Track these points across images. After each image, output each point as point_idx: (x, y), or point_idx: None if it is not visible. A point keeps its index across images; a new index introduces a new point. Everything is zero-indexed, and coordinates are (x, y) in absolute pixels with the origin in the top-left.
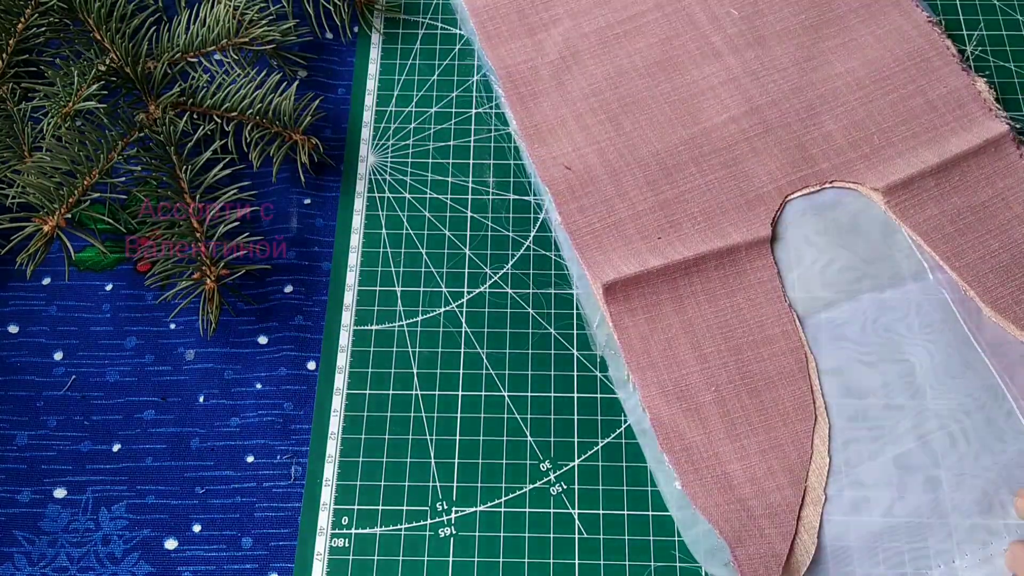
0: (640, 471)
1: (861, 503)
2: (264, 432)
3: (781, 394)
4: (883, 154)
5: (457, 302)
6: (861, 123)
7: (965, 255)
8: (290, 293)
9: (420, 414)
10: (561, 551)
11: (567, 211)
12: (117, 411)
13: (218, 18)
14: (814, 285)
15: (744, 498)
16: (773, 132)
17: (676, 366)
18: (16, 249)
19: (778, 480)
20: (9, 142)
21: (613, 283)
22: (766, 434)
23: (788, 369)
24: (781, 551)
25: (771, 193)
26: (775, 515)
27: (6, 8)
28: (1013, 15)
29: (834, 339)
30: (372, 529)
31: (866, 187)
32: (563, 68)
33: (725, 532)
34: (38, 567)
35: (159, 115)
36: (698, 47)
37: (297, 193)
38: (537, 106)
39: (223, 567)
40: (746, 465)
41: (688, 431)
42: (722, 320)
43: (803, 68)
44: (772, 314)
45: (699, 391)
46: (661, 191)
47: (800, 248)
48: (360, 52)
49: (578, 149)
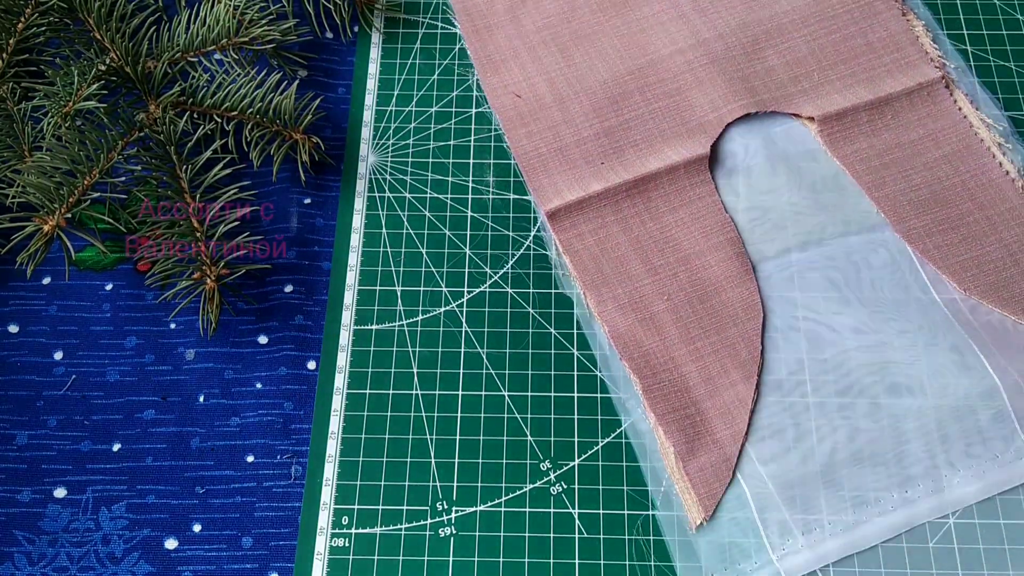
0: (640, 471)
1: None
2: (264, 432)
3: (730, 296)
4: (822, 90)
5: (457, 302)
6: (803, 59)
7: (886, 186)
8: (290, 293)
9: (420, 414)
10: (561, 551)
11: (515, 136)
12: (117, 411)
13: (218, 18)
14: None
15: (698, 400)
16: (717, 63)
17: (628, 280)
18: (16, 249)
19: (731, 377)
20: (9, 142)
21: (557, 209)
22: (718, 335)
23: (735, 272)
24: (731, 454)
25: (712, 122)
26: (728, 413)
27: (6, 8)
28: (1013, 15)
29: (787, 281)
30: (372, 529)
31: (803, 117)
32: (518, 2)
33: (679, 443)
34: (38, 567)
35: (159, 115)
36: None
37: (297, 193)
38: (491, 37)
39: (223, 567)
40: (700, 366)
41: (645, 339)
42: (668, 234)
43: (750, 6)
44: (714, 224)
45: (652, 301)
46: (606, 118)
47: (742, 174)
48: (360, 51)
49: (529, 78)
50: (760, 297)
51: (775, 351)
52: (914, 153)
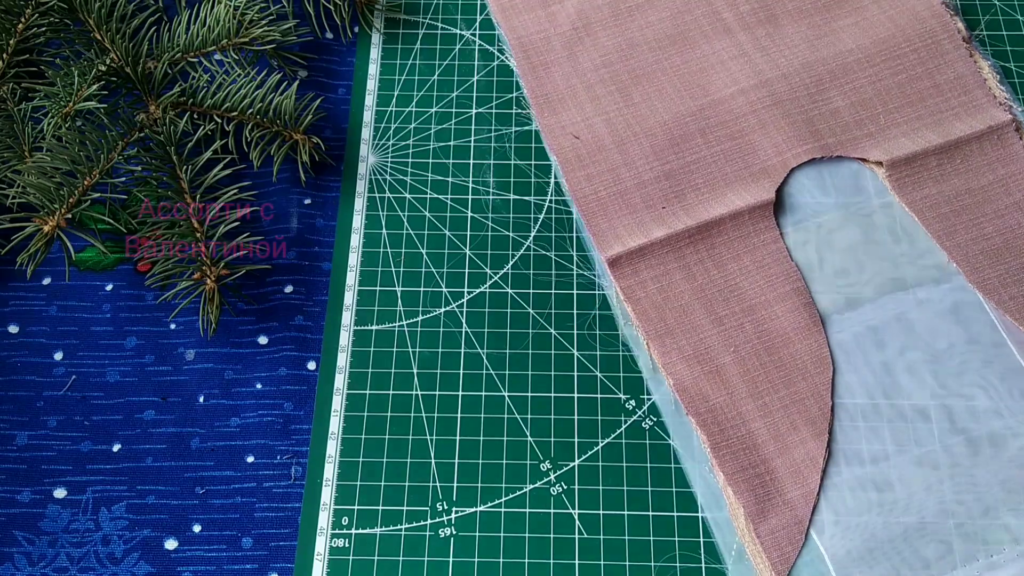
0: (640, 471)
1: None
2: (264, 432)
3: (798, 349)
4: (888, 133)
5: (457, 302)
6: (869, 101)
7: (957, 235)
8: (290, 293)
9: (420, 414)
10: (561, 551)
11: (574, 179)
12: (117, 411)
13: (218, 18)
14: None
15: (768, 458)
16: (781, 105)
17: (692, 331)
18: (16, 249)
19: (801, 434)
20: (9, 142)
21: (618, 256)
22: (786, 389)
23: (802, 324)
24: (803, 516)
25: (776, 166)
26: (798, 472)
27: (6, 8)
28: (1013, 15)
29: (858, 340)
30: (372, 529)
31: (870, 161)
32: (575, 39)
33: (749, 503)
34: (38, 567)
35: (159, 115)
36: (709, 22)
37: (297, 193)
38: (548, 76)
39: (223, 567)
40: (769, 422)
41: (711, 393)
42: (732, 283)
43: (814, 45)
44: (780, 273)
45: (718, 353)
46: (667, 161)
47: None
48: (360, 52)
49: (587, 119)
50: (830, 350)
51: (846, 411)
52: (984, 200)
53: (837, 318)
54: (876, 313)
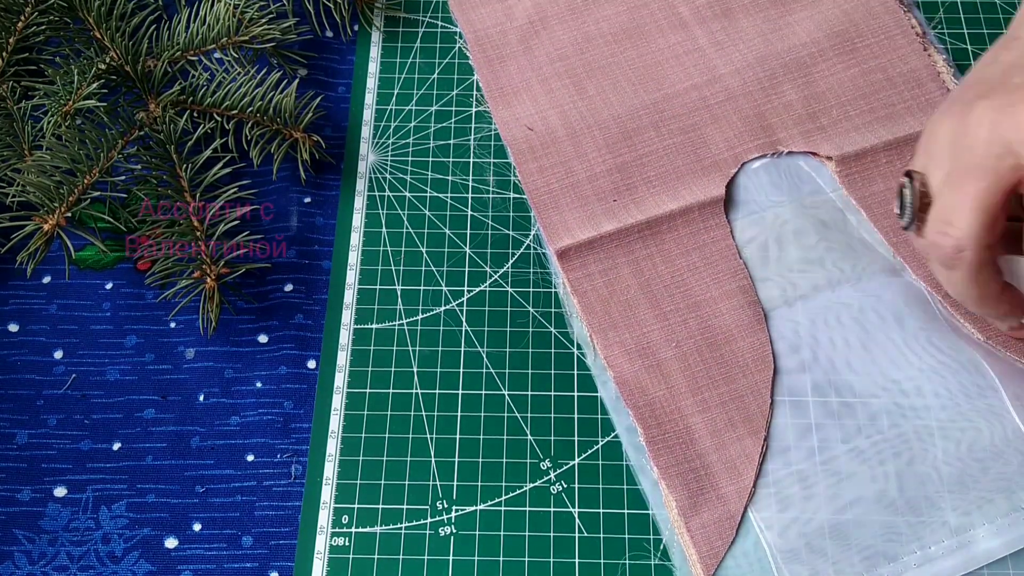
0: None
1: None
2: (264, 431)
3: (740, 346)
4: (840, 127)
5: (457, 301)
6: (822, 95)
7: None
8: (290, 292)
9: (420, 413)
10: (561, 550)
11: (526, 171)
12: (117, 410)
13: (218, 16)
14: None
15: (703, 453)
16: (734, 100)
17: (637, 325)
18: (16, 248)
19: (738, 431)
20: (9, 141)
21: (567, 248)
22: (726, 386)
23: (746, 321)
24: (736, 511)
25: (728, 160)
26: (733, 468)
27: (6, 6)
28: (1013, 15)
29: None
30: (372, 528)
31: (820, 155)
32: (531, 33)
33: (681, 497)
34: (38, 566)
35: (159, 113)
36: (665, 17)
37: (297, 192)
38: (503, 68)
39: (223, 566)
40: (707, 418)
41: (651, 387)
42: (679, 279)
43: (768, 39)
44: (727, 270)
45: (660, 348)
46: (619, 154)
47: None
48: (360, 50)
49: (541, 111)
50: (772, 348)
51: (782, 404)
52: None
53: (785, 311)
54: (824, 306)
